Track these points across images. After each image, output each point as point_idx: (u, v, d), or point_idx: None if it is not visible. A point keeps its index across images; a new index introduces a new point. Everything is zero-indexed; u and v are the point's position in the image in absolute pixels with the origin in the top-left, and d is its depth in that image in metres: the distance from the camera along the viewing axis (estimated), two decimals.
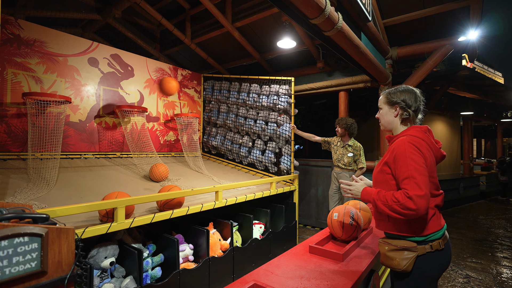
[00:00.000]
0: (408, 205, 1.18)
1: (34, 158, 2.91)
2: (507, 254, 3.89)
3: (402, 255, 1.29)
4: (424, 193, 1.18)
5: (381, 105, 1.51)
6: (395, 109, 1.44)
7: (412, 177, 1.22)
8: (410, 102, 1.41)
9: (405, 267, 1.28)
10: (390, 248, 1.34)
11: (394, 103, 1.43)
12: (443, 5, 3.61)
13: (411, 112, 1.40)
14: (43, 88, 3.23)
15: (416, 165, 1.24)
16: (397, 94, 1.44)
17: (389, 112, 1.46)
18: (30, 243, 0.82)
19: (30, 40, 3.14)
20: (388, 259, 1.34)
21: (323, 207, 4.87)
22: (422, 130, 1.37)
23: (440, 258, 1.30)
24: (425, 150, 1.29)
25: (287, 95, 4.03)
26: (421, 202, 1.17)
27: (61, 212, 1.64)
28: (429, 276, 1.29)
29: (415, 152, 1.26)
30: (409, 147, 1.27)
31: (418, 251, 1.28)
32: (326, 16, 2.16)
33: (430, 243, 1.29)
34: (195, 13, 4.91)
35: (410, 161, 1.25)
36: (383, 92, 1.53)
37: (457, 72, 6.05)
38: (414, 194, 1.18)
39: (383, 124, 1.51)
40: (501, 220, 5.82)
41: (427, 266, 1.28)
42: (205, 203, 2.58)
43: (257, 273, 1.51)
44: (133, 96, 4.14)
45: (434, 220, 1.31)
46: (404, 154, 1.27)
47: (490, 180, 8.55)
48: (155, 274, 2.18)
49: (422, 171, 1.23)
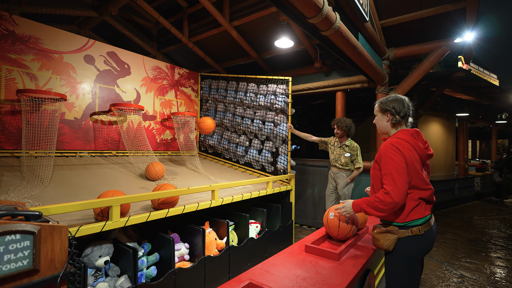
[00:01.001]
0: (387, 199, 1.45)
1: (28, 156, 2.88)
2: (500, 254, 3.93)
3: (386, 236, 1.56)
4: (398, 188, 1.44)
5: (376, 113, 1.75)
6: (386, 115, 1.68)
7: (390, 174, 1.48)
8: (399, 109, 1.63)
9: (387, 247, 1.55)
10: (378, 231, 1.62)
11: (385, 110, 1.67)
12: (439, 6, 3.63)
13: (398, 118, 1.64)
14: (38, 85, 3.19)
15: (394, 163, 1.48)
16: (387, 103, 1.67)
17: (382, 118, 1.71)
18: (22, 241, 0.81)
19: (25, 37, 3.11)
20: (375, 240, 1.63)
21: (319, 207, 4.88)
22: (409, 133, 1.59)
23: (419, 242, 1.51)
24: (405, 150, 1.51)
25: (284, 94, 4.03)
26: (397, 195, 1.43)
27: (55, 210, 1.62)
28: (408, 256, 1.52)
29: (394, 153, 1.50)
30: (390, 148, 1.52)
31: (399, 234, 1.53)
32: (323, 16, 2.16)
33: (411, 228, 1.52)
34: (192, 11, 4.89)
35: (390, 160, 1.50)
36: (377, 101, 1.76)
37: (453, 74, 6.09)
38: (390, 188, 1.46)
39: (379, 128, 1.76)
40: (495, 220, 5.88)
41: (406, 247, 1.52)
42: (201, 202, 2.57)
43: (253, 272, 1.50)
44: (129, 94, 4.11)
45: (417, 210, 1.52)
46: (385, 154, 1.53)
47: (485, 181, 8.63)
48: (150, 273, 2.17)
49: (399, 168, 1.47)
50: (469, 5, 3.35)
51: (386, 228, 1.57)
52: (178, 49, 5.88)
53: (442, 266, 3.44)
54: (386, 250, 1.56)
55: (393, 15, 3.95)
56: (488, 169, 9.73)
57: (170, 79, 4.71)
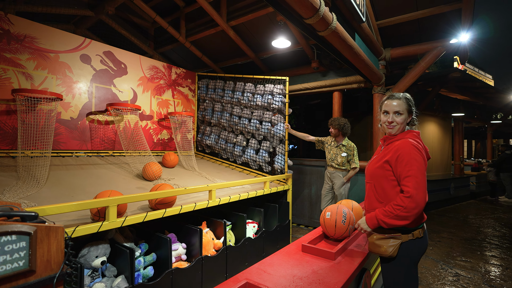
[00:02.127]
0: (411, 204, 1.35)
1: (24, 156, 2.86)
2: (495, 253, 3.97)
3: (389, 242, 1.49)
4: (422, 190, 1.37)
5: (403, 111, 1.53)
6: (409, 116, 1.57)
7: (415, 176, 1.38)
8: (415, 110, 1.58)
9: (391, 253, 1.47)
10: (378, 237, 1.53)
11: (411, 112, 1.56)
12: (435, 7, 3.66)
13: (415, 120, 1.59)
14: (33, 84, 3.17)
15: (419, 165, 1.40)
16: (413, 103, 1.57)
17: (407, 118, 1.56)
18: (18, 242, 0.81)
19: (20, 36, 3.08)
20: (376, 247, 1.53)
21: (316, 207, 4.90)
22: (418, 135, 1.54)
23: (420, 244, 1.50)
24: (423, 152, 1.46)
25: (281, 94, 4.04)
26: (421, 197, 1.35)
27: (51, 210, 1.62)
28: (411, 260, 1.49)
29: (419, 154, 1.42)
30: (413, 149, 1.42)
31: (402, 239, 1.48)
32: (320, 16, 2.17)
33: (412, 232, 1.49)
34: (190, 11, 4.88)
35: (414, 161, 1.40)
36: (403, 97, 1.56)
37: (449, 74, 6.14)
38: (415, 192, 1.35)
39: (398, 128, 1.54)
40: (490, 219, 5.94)
41: (409, 251, 1.48)
42: (199, 202, 2.57)
43: (250, 272, 1.51)
44: (126, 94, 4.10)
45: (421, 214, 1.50)
46: (409, 155, 1.41)
47: (480, 180, 8.71)
48: (147, 273, 2.17)
49: (423, 171, 1.40)
50: (464, 6, 3.38)
51: (388, 233, 1.50)
52: (175, 49, 5.86)
53: (437, 265, 3.47)
54: (390, 256, 1.48)
55: (390, 16, 3.98)
56: (483, 168, 9.82)
57: (167, 79, 4.70)
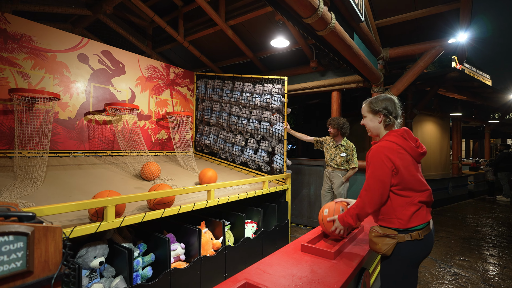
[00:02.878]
0: (360, 204, 1.53)
1: (21, 156, 2.84)
2: (493, 252, 3.98)
3: (384, 241, 1.49)
4: (371, 193, 1.48)
5: (365, 114, 1.66)
6: (379, 116, 1.59)
7: (368, 178, 1.50)
8: (391, 109, 1.57)
9: (385, 251, 1.48)
10: (375, 234, 1.54)
11: (377, 111, 1.59)
12: (433, 7, 3.66)
13: (392, 118, 1.57)
14: (30, 84, 3.15)
15: (374, 169, 1.48)
16: (378, 103, 1.59)
17: (373, 119, 1.62)
18: (15, 242, 0.80)
19: (17, 35, 3.06)
20: (372, 244, 1.55)
21: (315, 206, 4.90)
22: (399, 134, 1.52)
23: (419, 247, 1.46)
24: (396, 154, 1.46)
25: (280, 94, 4.04)
26: (367, 198, 1.49)
27: (49, 211, 1.61)
28: (407, 261, 1.47)
29: (381, 159, 1.46)
30: (378, 153, 1.48)
31: (398, 239, 1.46)
32: (319, 16, 2.17)
33: (410, 233, 1.45)
34: (188, 10, 4.87)
35: (372, 167, 1.49)
36: (365, 102, 1.67)
37: (447, 74, 6.16)
38: (363, 193, 1.51)
39: (370, 130, 1.66)
40: (488, 219, 5.96)
41: (405, 252, 1.46)
42: (197, 202, 2.56)
43: (249, 272, 1.50)
44: (124, 93, 4.08)
45: (418, 214, 1.47)
46: (372, 157, 1.51)
47: (478, 180, 8.74)
48: (145, 273, 2.16)
49: (378, 176, 1.46)
50: (462, 6, 3.39)
51: (384, 231, 1.50)
52: (174, 48, 5.85)
53: (436, 264, 3.48)
54: (384, 254, 1.50)
55: (388, 16, 3.98)
56: (481, 168, 9.86)
57: (166, 79, 4.69)
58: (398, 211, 1.46)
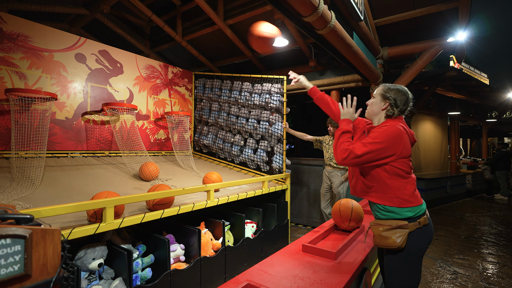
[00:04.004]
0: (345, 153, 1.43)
1: (18, 157, 2.81)
2: (492, 250, 3.99)
3: (396, 233, 1.43)
4: (356, 156, 1.40)
5: (376, 95, 1.60)
6: (385, 103, 1.55)
7: (366, 145, 1.41)
8: (400, 103, 1.52)
9: (400, 244, 1.41)
10: (384, 228, 1.46)
11: (386, 98, 1.54)
12: (432, 6, 3.66)
13: (396, 112, 1.53)
14: (27, 84, 3.11)
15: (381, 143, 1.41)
16: (393, 91, 1.54)
17: (379, 104, 1.57)
18: (13, 245, 0.78)
19: (13, 34, 3.03)
20: (383, 239, 1.46)
21: (314, 206, 4.89)
22: (400, 121, 1.52)
23: (427, 233, 1.47)
24: (405, 139, 1.45)
25: (279, 93, 4.02)
26: (350, 157, 1.41)
27: (47, 212, 1.58)
28: (419, 251, 1.45)
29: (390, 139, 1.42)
30: (391, 133, 1.43)
31: (409, 228, 1.42)
32: (319, 14, 2.16)
33: (418, 219, 1.44)
34: (186, 9, 4.84)
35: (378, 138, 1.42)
36: (383, 84, 1.62)
37: (445, 73, 6.17)
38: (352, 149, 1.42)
39: (369, 111, 1.63)
40: (486, 217, 5.98)
41: (418, 241, 1.44)
42: (197, 203, 2.54)
43: (251, 273, 1.49)
44: (122, 93, 4.05)
45: (416, 194, 1.48)
46: (381, 134, 1.43)
47: (476, 178, 8.78)
48: (145, 275, 2.14)
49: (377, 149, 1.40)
50: (461, 5, 3.39)
51: (395, 223, 1.44)
52: (172, 48, 5.82)
53: (436, 263, 3.48)
54: (399, 248, 1.42)
55: (387, 14, 3.98)
56: (479, 166, 9.90)
57: (164, 78, 4.66)
58: (398, 191, 1.45)
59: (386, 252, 1.53)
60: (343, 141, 1.48)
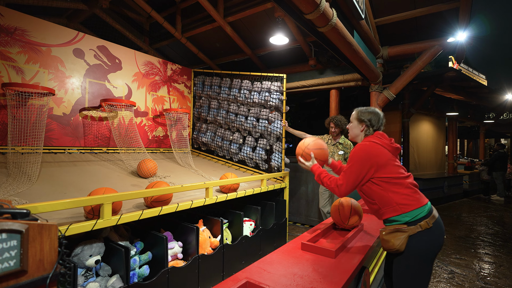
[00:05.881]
0: (337, 190, 1.66)
1: (15, 152, 2.78)
2: (488, 250, 4.01)
3: (395, 236, 1.48)
4: (347, 185, 1.61)
5: (352, 120, 1.81)
6: (362, 125, 1.75)
7: (346, 172, 1.62)
8: (374, 122, 1.72)
9: (398, 247, 1.46)
10: (386, 232, 1.53)
11: (362, 121, 1.74)
12: (433, 6, 3.66)
13: (371, 130, 1.72)
14: (24, 79, 3.08)
15: (355, 163, 1.60)
16: (365, 114, 1.74)
17: (357, 127, 1.77)
18: (9, 240, 0.76)
19: (10, 28, 2.99)
20: (384, 242, 1.53)
21: (312, 205, 4.89)
22: (376, 136, 1.67)
23: (430, 237, 1.46)
24: (377, 151, 1.59)
25: (278, 92, 4.01)
26: (342, 190, 1.63)
27: (43, 208, 1.56)
28: (422, 255, 1.46)
29: (360, 157, 1.59)
30: (359, 152, 1.60)
31: (408, 232, 1.46)
32: (321, 12, 2.14)
33: (419, 222, 1.46)
34: (186, 6, 4.82)
35: (352, 161, 1.61)
36: (356, 109, 1.82)
37: (444, 74, 6.18)
38: (341, 183, 1.63)
39: (351, 135, 1.83)
40: (483, 217, 6.01)
41: (418, 245, 1.45)
42: (195, 200, 2.53)
43: (250, 271, 1.48)
44: (120, 89, 4.02)
45: (415, 197, 1.52)
46: (355, 152, 1.62)
47: (473, 179, 8.82)
48: (142, 272, 2.12)
49: (355, 171, 1.59)
50: (462, 5, 3.39)
51: (393, 227, 1.50)
52: (171, 45, 5.78)
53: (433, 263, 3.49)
54: (398, 250, 1.47)
55: (388, 14, 3.97)
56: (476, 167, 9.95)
57: (163, 75, 4.63)
58: (396, 198, 1.51)
59: (391, 256, 1.60)
60: (326, 182, 1.72)
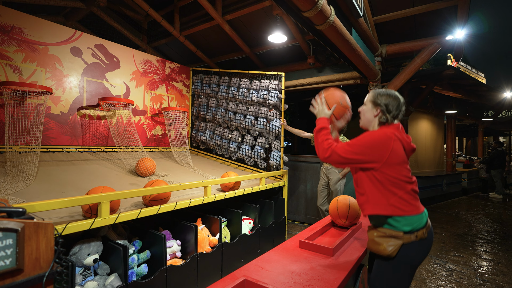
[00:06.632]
0: (325, 151, 1.43)
1: (12, 151, 2.77)
2: (486, 248, 4.03)
3: (389, 241, 1.39)
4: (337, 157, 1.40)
5: (367, 102, 1.56)
6: (376, 109, 1.50)
7: (349, 145, 1.40)
8: (392, 108, 1.47)
9: (390, 253, 1.37)
10: (378, 234, 1.43)
11: (378, 105, 1.50)
12: (431, 4, 3.65)
13: (389, 118, 1.47)
14: (21, 77, 3.06)
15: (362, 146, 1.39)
16: (384, 97, 1.49)
17: (371, 111, 1.53)
18: (4, 239, 0.76)
19: (7, 27, 2.97)
20: (375, 244, 1.43)
21: (311, 203, 4.90)
22: (394, 127, 1.46)
23: (423, 247, 1.40)
24: (395, 146, 1.38)
25: (277, 90, 4.00)
26: (332, 157, 1.41)
27: (41, 207, 1.56)
28: (411, 263, 1.40)
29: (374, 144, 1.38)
30: (377, 138, 1.39)
31: (403, 240, 1.37)
32: (318, 9, 2.14)
33: (416, 233, 1.37)
34: (184, 4, 4.79)
35: (362, 141, 1.39)
36: (373, 90, 1.58)
37: (442, 72, 6.18)
38: (334, 152, 1.41)
39: (362, 120, 1.59)
40: (481, 215, 6.03)
41: (410, 254, 1.38)
42: (194, 199, 2.52)
43: (248, 269, 1.48)
44: (118, 88, 4.01)
45: (413, 203, 1.40)
46: (367, 137, 1.40)
47: (471, 177, 8.85)
48: (141, 271, 2.12)
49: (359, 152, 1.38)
50: (460, 2, 3.38)
51: (389, 232, 1.39)
52: (169, 43, 5.76)
53: (431, 260, 3.50)
54: (388, 256, 1.38)
55: (386, 12, 3.96)
56: (474, 165, 9.97)
57: (161, 73, 4.61)
58: (392, 198, 1.38)
59: (377, 256, 1.49)
60: (322, 140, 1.47)
